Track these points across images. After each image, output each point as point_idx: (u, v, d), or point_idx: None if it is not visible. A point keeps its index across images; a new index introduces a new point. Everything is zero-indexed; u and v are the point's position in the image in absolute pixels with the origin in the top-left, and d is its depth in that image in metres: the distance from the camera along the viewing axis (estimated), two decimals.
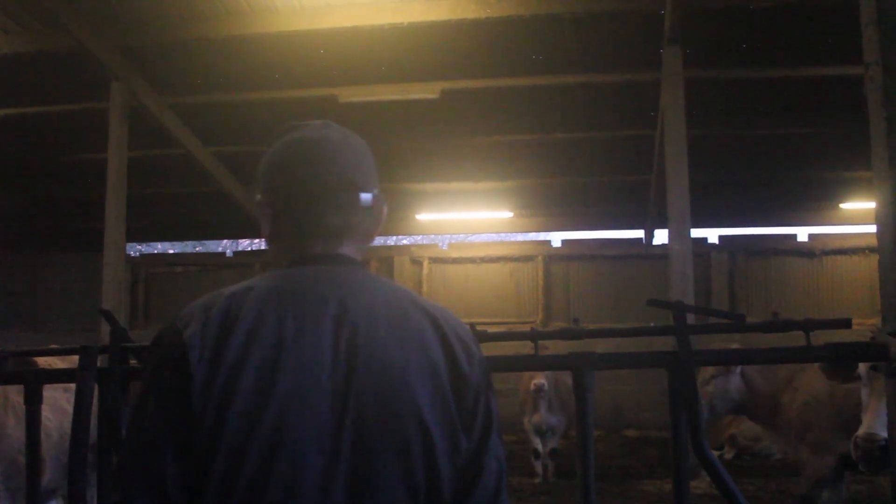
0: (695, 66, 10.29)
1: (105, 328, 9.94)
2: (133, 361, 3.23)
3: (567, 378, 10.31)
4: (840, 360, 2.91)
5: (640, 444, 12.95)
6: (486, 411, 1.62)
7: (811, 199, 15.36)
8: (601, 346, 2.85)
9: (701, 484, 8.01)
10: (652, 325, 4.10)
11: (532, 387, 10.07)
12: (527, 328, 7.11)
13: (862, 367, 4.09)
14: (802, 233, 15.79)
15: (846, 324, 2.92)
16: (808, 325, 2.88)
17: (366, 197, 1.77)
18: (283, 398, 1.48)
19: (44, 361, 4.39)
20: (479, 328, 3.51)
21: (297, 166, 1.76)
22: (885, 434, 3.73)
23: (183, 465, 1.47)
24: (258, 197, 1.79)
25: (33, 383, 2.93)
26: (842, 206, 15.30)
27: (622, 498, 8.96)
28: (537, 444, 10.49)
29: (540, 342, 3.49)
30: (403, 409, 1.52)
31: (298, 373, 1.50)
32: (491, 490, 1.61)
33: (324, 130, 1.84)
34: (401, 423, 1.52)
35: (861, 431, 3.87)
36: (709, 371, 6.37)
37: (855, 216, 15.63)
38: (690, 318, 3.28)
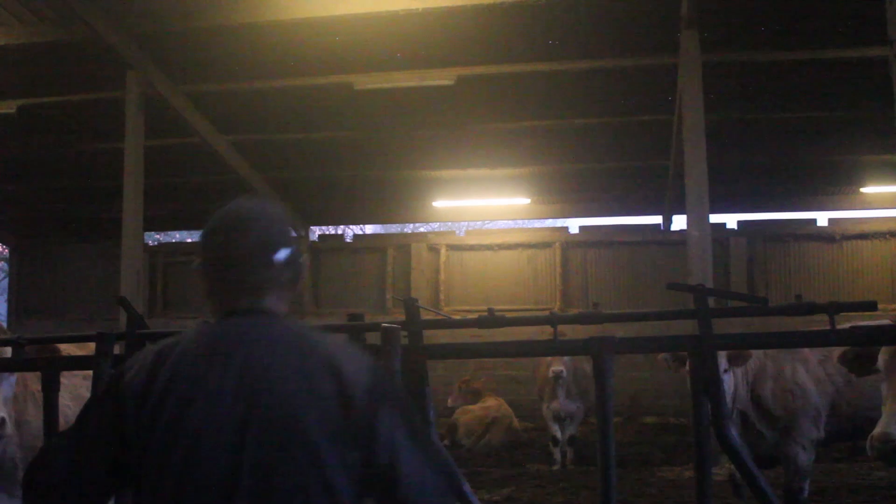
0: (712, 50, 10.19)
1: (123, 316, 9.98)
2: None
3: (585, 365, 10.31)
4: (863, 344, 2.85)
5: (658, 431, 12.91)
6: (389, 428, 1.95)
7: (831, 183, 15.20)
8: (619, 332, 2.82)
9: (720, 471, 7.96)
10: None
11: (550, 374, 10.06)
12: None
13: (881, 360, 4.04)
14: (822, 217, 15.66)
15: (871, 306, 2.86)
16: (832, 309, 2.83)
17: (279, 256, 2.12)
18: (194, 426, 1.87)
19: (63, 349, 4.40)
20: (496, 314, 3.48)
21: (221, 235, 2.14)
22: None
23: (98, 469, 1.98)
24: (197, 262, 2.14)
25: (51, 370, 2.92)
26: (862, 190, 15.12)
27: (641, 485, 8.92)
28: (556, 431, 10.48)
29: (557, 329, 3.45)
30: (295, 432, 1.88)
31: (207, 407, 1.88)
32: (430, 492, 1.98)
33: (244, 203, 2.23)
34: (293, 443, 1.87)
35: (877, 431, 3.81)
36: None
37: (876, 200, 15.47)
38: (710, 304, 3.24)
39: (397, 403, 2.03)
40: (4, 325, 18.36)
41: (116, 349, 3.32)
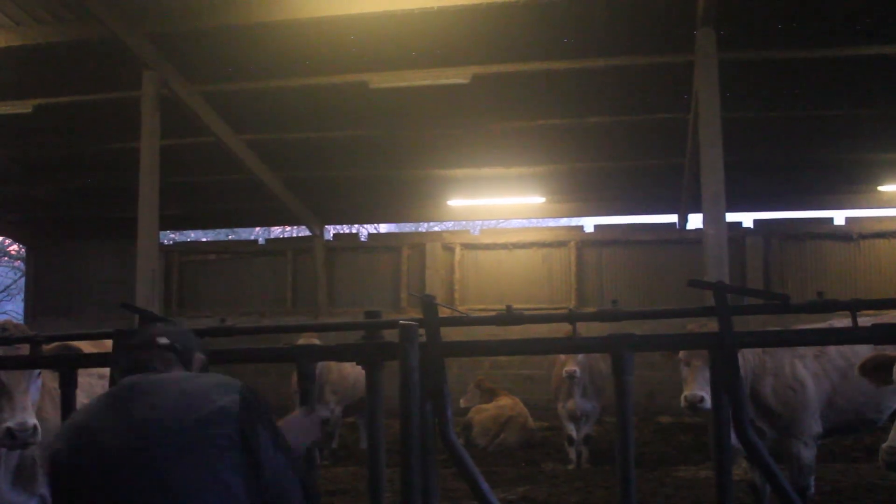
0: (729, 48, 10.13)
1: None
2: None
3: (601, 364, 10.30)
4: (888, 342, 2.82)
5: (674, 431, 12.86)
6: (252, 452, 2.37)
7: (848, 181, 15.08)
8: (637, 331, 2.80)
9: (736, 470, 7.92)
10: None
11: (564, 374, 10.04)
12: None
13: None
14: (839, 216, 15.58)
15: (895, 304, 2.84)
16: (854, 306, 2.80)
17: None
18: (102, 465, 2.33)
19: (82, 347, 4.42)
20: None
21: None
22: None
23: None
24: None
25: (68, 367, 2.93)
26: (880, 188, 15.00)
27: (657, 484, 8.89)
28: (571, 430, 10.46)
29: (576, 326, 3.43)
30: (167, 461, 2.30)
31: (104, 452, 2.33)
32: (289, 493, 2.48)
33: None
34: (164, 469, 2.30)
35: (886, 444, 3.78)
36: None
37: (893, 199, 15.34)
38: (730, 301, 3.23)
39: (266, 419, 2.48)
40: (21, 323, 18.37)
41: None
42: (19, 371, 3.53)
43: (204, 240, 24.48)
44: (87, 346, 4.67)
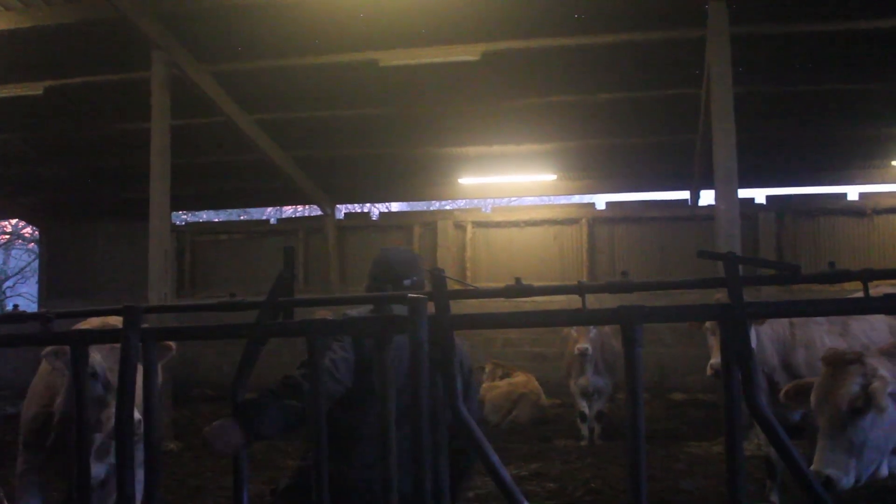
0: (741, 22, 10.03)
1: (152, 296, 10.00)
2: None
3: (613, 341, 10.30)
4: None
5: (686, 407, 12.88)
6: None
7: (862, 156, 14.97)
8: (648, 304, 2.80)
9: (749, 445, 7.92)
10: None
11: (576, 351, 10.05)
12: None
13: (812, 398, 4.20)
14: (853, 191, 15.49)
15: None
16: (866, 276, 2.78)
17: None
18: None
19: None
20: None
21: None
22: None
23: None
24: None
25: (79, 344, 2.94)
26: (894, 163, 14.91)
27: (669, 460, 8.91)
28: (583, 406, 10.48)
29: (585, 298, 3.41)
30: None
31: None
32: None
33: None
34: None
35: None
36: None
37: None
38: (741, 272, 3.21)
39: None
40: (35, 307, 18.52)
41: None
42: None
43: (216, 220, 24.49)
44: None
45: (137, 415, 3.57)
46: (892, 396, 3.95)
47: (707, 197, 15.37)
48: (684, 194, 16.06)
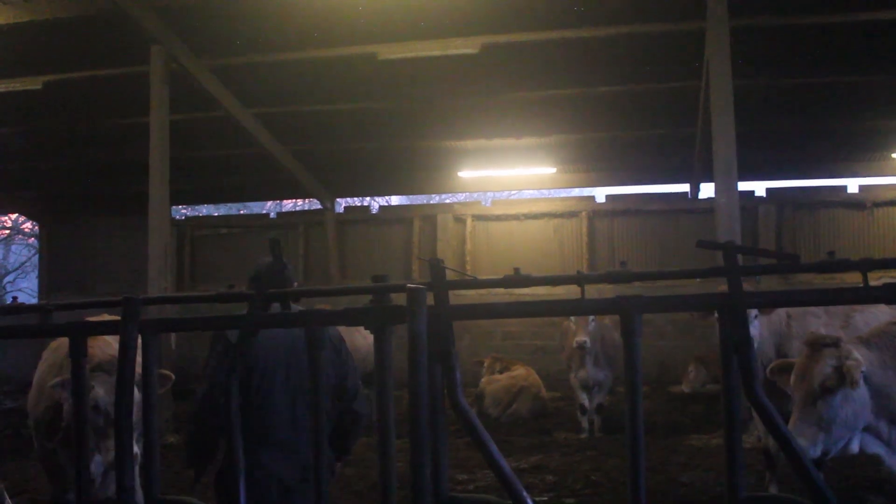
0: (740, 14, 10.02)
1: (151, 290, 10.00)
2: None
3: (613, 334, 10.30)
4: None
5: (686, 401, 12.86)
6: None
7: (862, 149, 14.96)
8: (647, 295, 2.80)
9: (748, 438, 7.93)
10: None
11: (575, 344, 10.05)
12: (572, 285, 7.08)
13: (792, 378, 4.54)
14: (853, 184, 15.48)
15: None
16: (865, 266, 2.77)
17: None
18: None
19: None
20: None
21: None
22: None
23: None
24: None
25: (78, 336, 2.94)
26: (894, 156, 14.90)
27: (669, 452, 8.91)
28: (583, 399, 10.49)
29: (584, 289, 3.41)
30: None
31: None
32: None
33: None
34: None
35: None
36: None
37: None
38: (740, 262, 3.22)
39: None
40: (35, 300, 18.56)
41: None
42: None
43: (216, 214, 24.50)
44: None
45: (137, 449, 3.71)
46: (865, 377, 4.30)
47: (707, 190, 15.36)
48: (684, 187, 16.06)
